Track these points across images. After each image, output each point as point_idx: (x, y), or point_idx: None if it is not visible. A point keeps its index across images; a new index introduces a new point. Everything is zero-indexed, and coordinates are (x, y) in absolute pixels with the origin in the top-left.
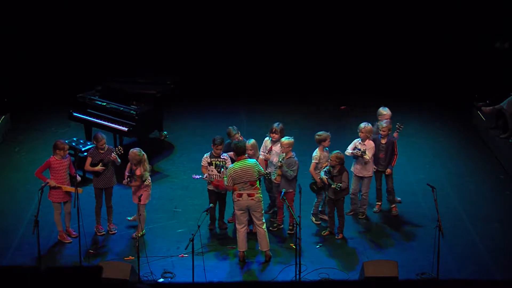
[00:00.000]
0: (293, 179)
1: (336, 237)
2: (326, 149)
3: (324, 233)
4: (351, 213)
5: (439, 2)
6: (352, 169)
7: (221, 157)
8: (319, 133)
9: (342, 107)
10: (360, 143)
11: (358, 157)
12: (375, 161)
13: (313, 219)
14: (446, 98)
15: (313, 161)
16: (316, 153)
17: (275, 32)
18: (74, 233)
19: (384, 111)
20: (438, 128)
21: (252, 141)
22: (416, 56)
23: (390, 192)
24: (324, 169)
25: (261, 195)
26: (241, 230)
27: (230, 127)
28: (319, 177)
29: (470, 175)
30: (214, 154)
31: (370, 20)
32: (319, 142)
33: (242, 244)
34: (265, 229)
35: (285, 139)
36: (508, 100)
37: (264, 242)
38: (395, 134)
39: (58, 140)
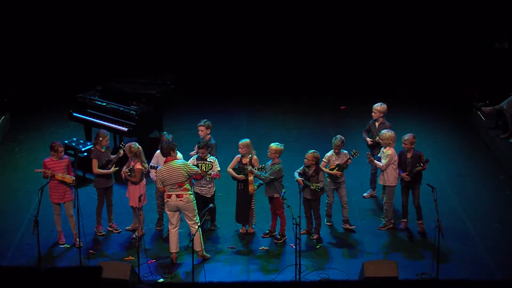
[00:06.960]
0: (280, 185)
1: (311, 237)
2: (343, 151)
3: (301, 232)
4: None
5: (439, 3)
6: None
7: (208, 160)
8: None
9: (342, 107)
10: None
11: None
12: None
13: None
14: (446, 98)
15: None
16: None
17: (276, 33)
18: (78, 241)
19: (377, 106)
20: (438, 128)
21: (245, 140)
22: (416, 56)
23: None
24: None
25: (191, 196)
26: (173, 231)
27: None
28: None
29: (470, 175)
30: (200, 157)
31: (370, 21)
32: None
33: (174, 246)
34: (199, 230)
35: (274, 145)
36: (508, 100)
37: (197, 242)
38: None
39: (54, 141)
